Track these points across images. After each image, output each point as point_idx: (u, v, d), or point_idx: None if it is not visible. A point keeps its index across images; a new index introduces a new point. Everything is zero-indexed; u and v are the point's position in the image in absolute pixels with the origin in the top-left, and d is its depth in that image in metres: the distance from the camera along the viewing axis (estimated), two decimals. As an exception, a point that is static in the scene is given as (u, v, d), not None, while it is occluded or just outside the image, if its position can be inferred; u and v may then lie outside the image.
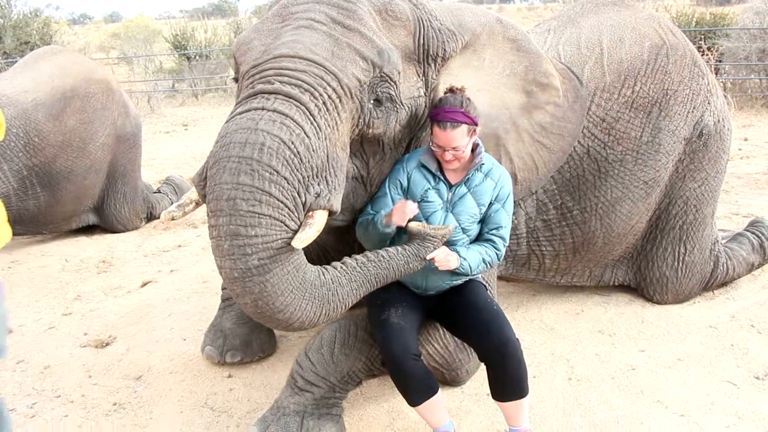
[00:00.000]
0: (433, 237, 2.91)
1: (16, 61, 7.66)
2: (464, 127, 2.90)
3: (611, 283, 4.67)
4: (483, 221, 3.14)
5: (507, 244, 3.17)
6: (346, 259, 2.87)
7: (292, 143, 2.59)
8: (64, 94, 6.29)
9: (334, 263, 2.86)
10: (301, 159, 2.62)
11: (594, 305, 4.65)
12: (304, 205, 2.66)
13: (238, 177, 2.53)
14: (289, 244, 2.61)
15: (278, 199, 2.56)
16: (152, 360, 4.25)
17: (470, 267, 3.04)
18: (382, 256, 2.87)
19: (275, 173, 2.55)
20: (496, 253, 3.13)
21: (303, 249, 4.07)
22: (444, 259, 2.94)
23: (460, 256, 3.01)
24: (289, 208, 2.60)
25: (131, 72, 19.81)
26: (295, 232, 2.64)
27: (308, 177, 2.66)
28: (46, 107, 6.14)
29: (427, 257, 2.91)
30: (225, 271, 2.59)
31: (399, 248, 2.91)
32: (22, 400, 3.87)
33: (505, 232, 3.14)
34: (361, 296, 2.87)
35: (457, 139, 2.91)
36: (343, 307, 2.82)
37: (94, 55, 23.66)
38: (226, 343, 4.05)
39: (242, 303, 2.66)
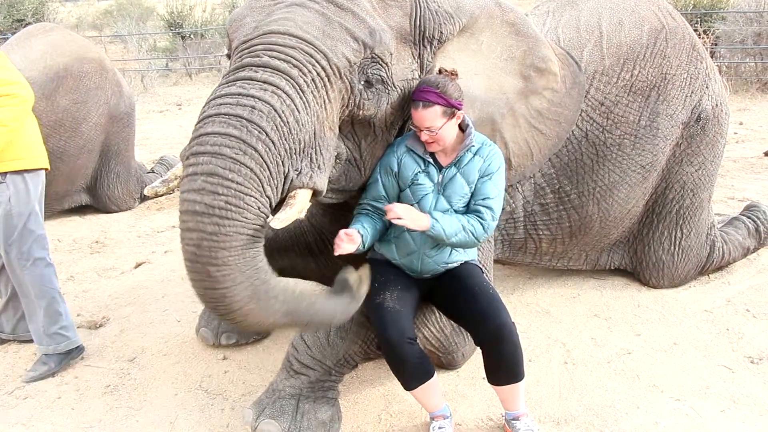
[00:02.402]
0: (358, 293, 2.83)
1: (8, 39, 7.58)
2: (437, 108, 2.88)
3: (607, 267, 4.66)
4: (471, 195, 3.09)
5: (496, 217, 3.05)
6: (290, 281, 2.74)
7: (283, 112, 2.57)
8: (57, 73, 6.23)
9: (279, 278, 2.73)
10: (289, 129, 2.59)
11: (590, 289, 4.64)
12: (285, 177, 2.62)
13: (227, 129, 2.49)
14: (259, 208, 2.54)
15: (263, 158, 2.51)
16: (146, 342, 4.24)
17: (443, 230, 2.91)
18: (315, 301, 2.73)
19: (264, 133, 2.52)
20: (482, 224, 3.00)
21: (299, 231, 4.10)
22: (408, 216, 2.85)
23: (432, 218, 2.91)
24: (270, 172, 2.55)
25: (125, 50, 19.65)
26: (269, 200, 2.58)
27: (293, 150, 2.63)
28: (39, 86, 6.05)
29: (390, 217, 2.84)
30: (187, 203, 2.46)
31: (332, 298, 2.79)
32: (14, 381, 3.87)
33: (494, 204, 3.03)
34: (279, 324, 2.70)
35: (429, 119, 2.89)
36: (263, 318, 2.63)
37: (86, 32, 23.46)
38: (221, 325, 4.03)
39: (186, 238, 2.49)
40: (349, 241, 2.88)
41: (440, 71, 2.99)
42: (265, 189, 2.56)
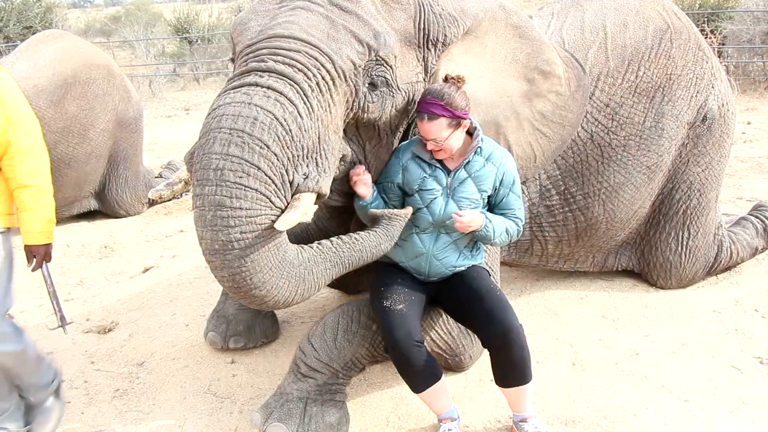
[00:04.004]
0: (397, 215, 2.99)
1: (17, 46, 7.63)
2: (442, 120, 2.89)
3: (615, 268, 4.66)
4: (494, 206, 3.15)
5: (524, 222, 3.23)
6: (323, 240, 2.90)
7: (285, 120, 2.58)
8: (65, 80, 6.28)
9: (311, 244, 2.87)
10: (292, 137, 2.61)
11: (598, 290, 4.64)
12: (291, 184, 2.65)
13: (228, 148, 2.52)
14: (273, 221, 2.59)
15: (266, 174, 2.55)
16: (155, 346, 4.25)
17: (494, 231, 3.04)
18: (355, 239, 2.92)
19: (265, 148, 2.54)
20: (518, 229, 3.18)
21: (306, 234, 4.11)
22: (474, 222, 2.97)
23: (486, 218, 3.02)
24: (276, 185, 2.59)
25: (133, 56, 19.74)
26: (281, 210, 2.63)
27: (298, 156, 2.65)
28: (47, 94, 6.14)
29: (454, 221, 2.96)
30: (206, 242, 2.57)
31: (370, 231, 2.97)
32: (25, 386, 3.88)
33: (520, 213, 3.18)
34: (333, 277, 2.89)
35: (434, 131, 2.90)
36: (317, 286, 2.84)
37: (95, 38, 23.58)
38: (228, 329, 4.05)
39: (219, 277, 2.64)
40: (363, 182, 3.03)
41: (446, 78, 2.99)
42: (274, 202, 2.60)
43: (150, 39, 19.69)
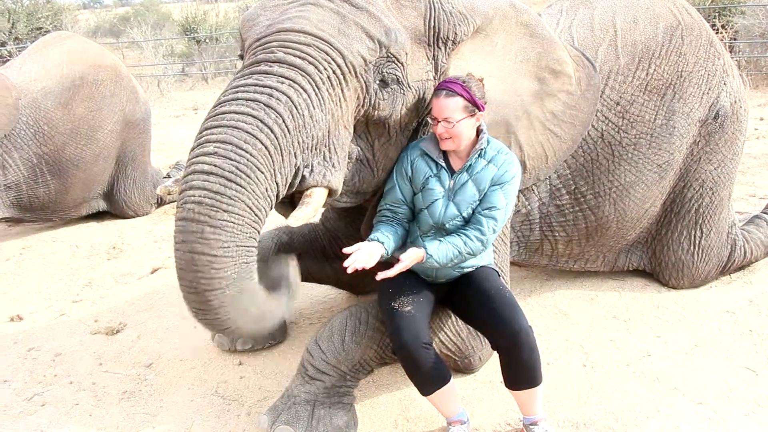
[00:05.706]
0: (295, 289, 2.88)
1: (27, 47, 7.66)
2: (459, 99, 2.85)
3: (625, 268, 4.61)
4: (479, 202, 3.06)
5: (498, 228, 3.02)
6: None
7: (299, 104, 2.57)
8: (72, 81, 6.29)
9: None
10: (304, 123, 2.59)
11: (608, 290, 4.59)
12: (296, 171, 2.62)
13: (245, 109, 2.50)
14: (266, 191, 2.50)
15: (278, 141, 2.52)
16: (163, 347, 4.24)
17: (438, 262, 2.93)
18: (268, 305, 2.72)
19: (281, 118, 2.52)
20: (480, 240, 2.98)
21: (313, 235, 4.09)
22: (407, 260, 2.89)
23: (427, 253, 2.90)
24: (282, 159, 2.55)
25: (141, 56, 19.79)
26: (277, 185, 2.57)
27: (306, 144, 2.62)
28: (55, 95, 6.15)
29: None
30: (195, 164, 2.45)
31: (276, 299, 2.78)
32: (33, 387, 3.88)
33: (498, 214, 2.98)
34: (240, 329, 2.67)
35: (449, 109, 2.86)
36: (232, 317, 2.56)
37: (104, 39, 23.66)
38: (236, 331, 4.02)
39: (187, 194, 2.44)
40: (368, 256, 2.85)
41: (468, 75, 2.97)
42: (276, 174, 2.55)
43: (158, 39, 19.74)
